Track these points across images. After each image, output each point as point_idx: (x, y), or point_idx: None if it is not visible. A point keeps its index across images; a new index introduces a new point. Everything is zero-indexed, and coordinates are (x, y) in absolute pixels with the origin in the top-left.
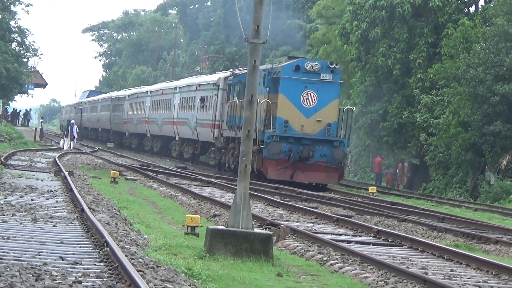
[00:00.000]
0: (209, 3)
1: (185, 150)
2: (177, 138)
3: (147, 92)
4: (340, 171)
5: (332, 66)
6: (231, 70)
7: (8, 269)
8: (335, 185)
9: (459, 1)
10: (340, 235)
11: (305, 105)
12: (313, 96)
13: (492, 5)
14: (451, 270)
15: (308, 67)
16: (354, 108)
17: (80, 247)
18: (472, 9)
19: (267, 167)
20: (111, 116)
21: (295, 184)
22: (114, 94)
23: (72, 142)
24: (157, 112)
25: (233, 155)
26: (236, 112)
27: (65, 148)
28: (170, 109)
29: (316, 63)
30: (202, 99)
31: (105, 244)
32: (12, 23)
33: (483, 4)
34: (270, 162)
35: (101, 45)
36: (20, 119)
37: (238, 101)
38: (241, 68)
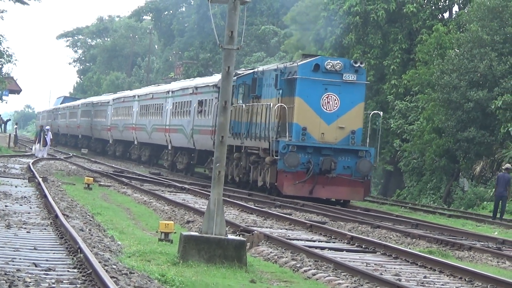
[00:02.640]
0: (183, 9)
1: (178, 160)
2: (169, 147)
3: (134, 96)
4: (366, 186)
5: (357, 65)
6: (235, 71)
7: None
8: None
9: (433, 7)
10: (314, 241)
11: (326, 109)
12: (335, 100)
13: (466, 11)
14: (425, 277)
15: (329, 66)
16: (381, 113)
17: (54, 253)
18: (446, 15)
19: (283, 181)
20: (93, 122)
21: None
22: (95, 98)
23: (45, 148)
24: (146, 118)
25: (238, 166)
26: (241, 117)
27: (38, 155)
28: (161, 115)
29: (338, 61)
30: (200, 103)
31: (79, 250)
32: None
33: (457, 10)
34: (286, 176)
35: (76, 51)
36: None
37: (243, 105)
38: (244, 69)
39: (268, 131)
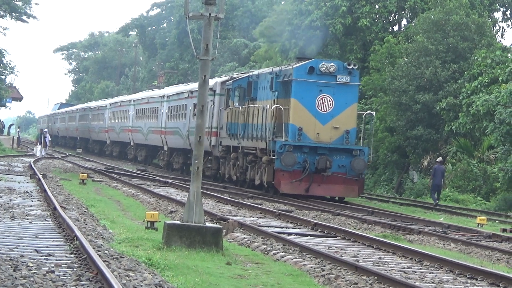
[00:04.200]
0: (165, 25)
1: (174, 160)
2: (165, 148)
3: (130, 101)
4: (360, 183)
5: (350, 67)
6: (230, 75)
7: None
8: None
9: (384, 21)
10: (282, 228)
11: (321, 110)
12: (329, 101)
13: (413, 24)
14: (380, 258)
15: (323, 68)
16: (375, 113)
17: (53, 241)
18: (396, 28)
19: (280, 180)
20: (91, 125)
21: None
22: (93, 103)
23: (44, 149)
24: (142, 121)
25: (235, 165)
26: (237, 119)
27: (38, 155)
28: (157, 118)
29: (332, 63)
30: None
31: (75, 238)
32: None
33: (406, 23)
34: (283, 175)
35: (70, 63)
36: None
37: (240, 107)
38: (239, 73)
39: (265, 132)
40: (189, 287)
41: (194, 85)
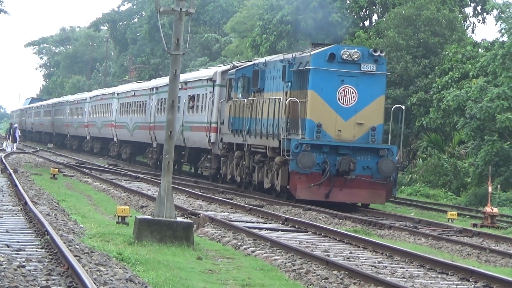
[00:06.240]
0: (136, 20)
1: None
2: (154, 145)
3: (113, 93)
4: (388, 188)
5: (376, 54)
6: (232, 63)
7: None
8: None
9: (355, 16)
10: (253, 223)
11: (343, 104)
12: (352, 93)
13: (384, 19)
14: (351, 253)
15: (346, 55)
16: (404, 106)
17: (24, 235)
18: (367, 23)
19: (296, 184)
20: (68, 120)
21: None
22: (71, 97)
23: (15, 144)
24: (128, 116)
25: (240, 165)
26: (242, 113)
27: (8, 150)
28: (145, 113)
29: (356, 50)
30: (192, 98)
31: (46, 232)
32: None
33: (376, 19)
34: (299, 178)
35: (41, 58)
36: None
37: (245, 100)
38: (243, 61)
39: (278, 128)
40: (160, 282)
41: (189, 75)
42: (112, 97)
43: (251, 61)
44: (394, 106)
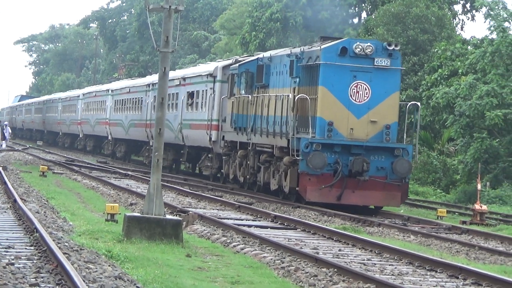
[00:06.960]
0: (125, 18)
1: (163, 157)
2: (151, 143)
3: (107, 90)
4: (403, 190)
5: (391, 48)
6: (234, 57)
7: None
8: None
9: (344, 14)
10: (242, 220)
11: (355, 101)
12: (365, 89)
13: (373, 17)
14: (340, 250)
15: (358, 49)
16: (419, 103)
17: (13, 233)
18: (356, 20)
19: (306, 185)
20: (61, 117)
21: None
22: (63, 94)
23: (4, 141)
24: (123, 113)
25: (244, 165)
26: (246, 110)
27: None
28: (141, 110)
29: (369, 43)
30: (191, 95)
31: (35, 230)
32: None
33: (366, 16)
34: (309, 179)
35: (31, 55)
36: None
37: (249, 96)
38: (245, 55)
39: (286, 127)
40: (149, 279)
41: (187, 71)
42: (106, 94)
43: (254, 56)
44: (410, 103)
